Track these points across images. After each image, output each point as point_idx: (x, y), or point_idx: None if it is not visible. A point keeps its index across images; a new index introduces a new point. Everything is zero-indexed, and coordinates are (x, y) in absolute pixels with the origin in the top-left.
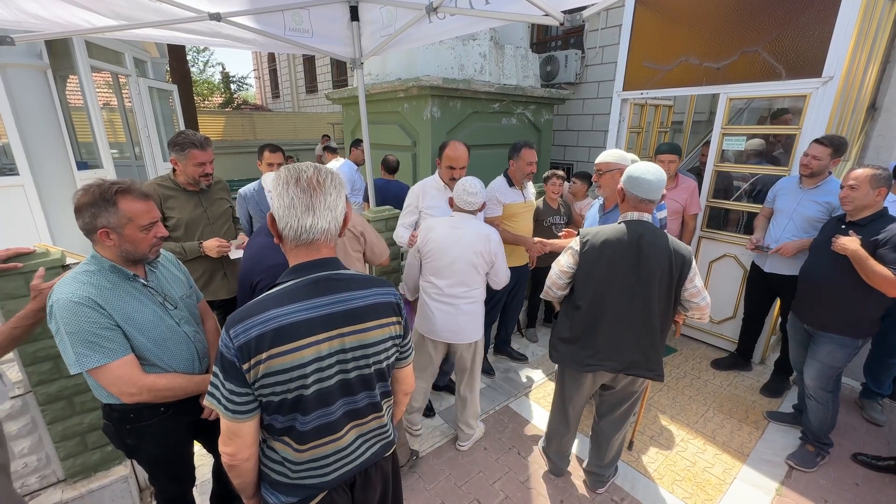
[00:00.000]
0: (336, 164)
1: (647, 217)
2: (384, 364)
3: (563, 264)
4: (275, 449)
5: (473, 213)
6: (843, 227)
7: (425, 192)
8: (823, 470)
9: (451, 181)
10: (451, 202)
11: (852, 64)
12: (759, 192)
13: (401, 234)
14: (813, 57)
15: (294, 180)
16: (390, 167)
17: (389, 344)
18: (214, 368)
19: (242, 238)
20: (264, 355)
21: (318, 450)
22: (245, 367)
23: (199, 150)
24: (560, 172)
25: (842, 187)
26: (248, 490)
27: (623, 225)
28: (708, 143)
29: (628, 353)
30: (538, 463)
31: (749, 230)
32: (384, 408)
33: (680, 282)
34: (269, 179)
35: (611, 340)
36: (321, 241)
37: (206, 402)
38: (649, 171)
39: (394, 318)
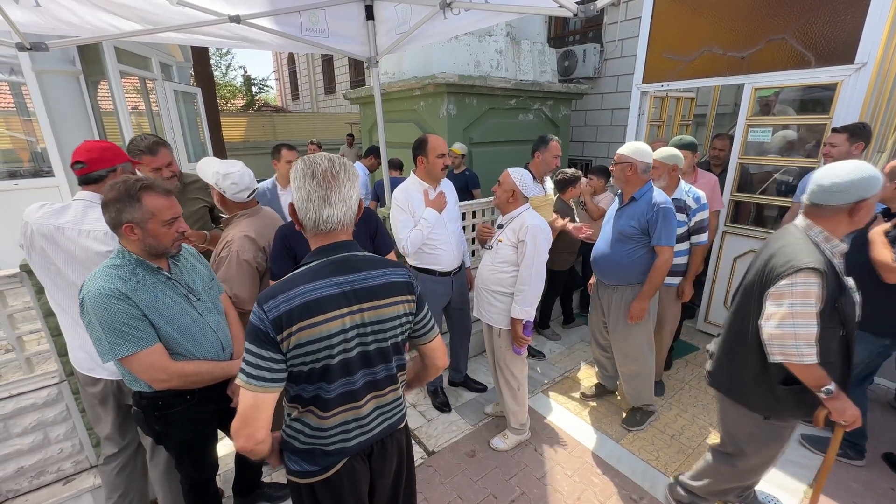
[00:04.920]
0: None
1: (799, 221)
2: (399, 338)
3: None
4: (302, 420)
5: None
6: (886, 219)
7: (411, 200)
8: (856, 473)
9: (444, 171)
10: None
11: (888, 50)
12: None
13: (413, 242)
14: (844, 42)
15: (310, 174)
16: (396, 166)
17: (404, 320)
18: (246, 345)
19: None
20: (295, 327)
21: (340, 416)
22: (279, 338)
23: (150, 156)
24: (580, 173)
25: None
26: (269, 457)
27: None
28: (719, 136)
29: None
30: (554, 459)
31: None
32: (399, 380)
33: (763, 293)
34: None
35: None
36: (338, 229)
37: (238, 380)
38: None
39: (407, 297)
